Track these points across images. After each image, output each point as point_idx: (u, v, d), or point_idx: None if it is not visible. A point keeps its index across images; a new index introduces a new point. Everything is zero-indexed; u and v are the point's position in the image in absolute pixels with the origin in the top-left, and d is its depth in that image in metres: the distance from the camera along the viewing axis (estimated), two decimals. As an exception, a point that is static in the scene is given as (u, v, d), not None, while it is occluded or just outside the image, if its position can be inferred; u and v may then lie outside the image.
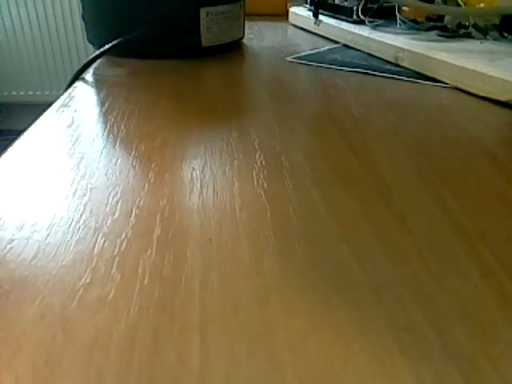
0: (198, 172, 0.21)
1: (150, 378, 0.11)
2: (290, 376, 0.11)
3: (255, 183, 0.20)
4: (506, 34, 0.38)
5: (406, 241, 0.16)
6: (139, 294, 0.14)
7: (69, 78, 0.37)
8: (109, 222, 0.17)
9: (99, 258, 0.15)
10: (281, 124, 0.27)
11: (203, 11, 0.41)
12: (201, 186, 0.20)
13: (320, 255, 0.16)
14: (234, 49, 0.45)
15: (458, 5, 0.38)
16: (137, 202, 0.18)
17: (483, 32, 0.37)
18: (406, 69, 0.36)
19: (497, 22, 0.37)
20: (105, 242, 0.16)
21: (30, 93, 1.85)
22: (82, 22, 0.45)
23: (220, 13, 0.42)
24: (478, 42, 0.37)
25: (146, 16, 0.41)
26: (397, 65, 0.37)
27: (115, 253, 0.15)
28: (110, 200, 0.19)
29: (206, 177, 0.21)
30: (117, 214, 0.18)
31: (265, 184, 0.20)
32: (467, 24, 0.39)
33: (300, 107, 0.29)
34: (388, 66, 0.37)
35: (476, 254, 0.16)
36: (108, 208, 0.18)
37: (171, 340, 0.12)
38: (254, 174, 0.21)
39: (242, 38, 0.47)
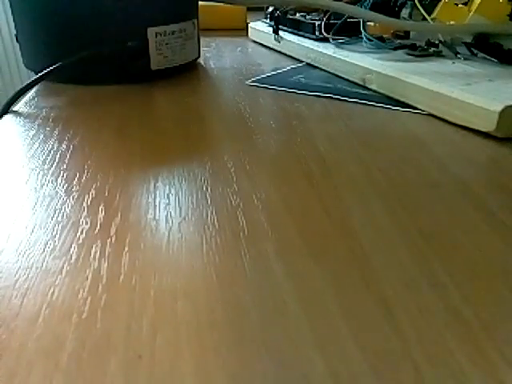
0: (133, 238, 0.17)
1: None
2: None
3: (204, 257, 0.16)
4: (475, 52, 0.35)
5: (396, 345, 0.13)
6: None
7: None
8: (4, 334, 0.13)
9: (-17, 398, 0.11)
10: (238, 168, 0.23)
11: (151, 31, 0.37)
12: (137, 262, 0.16)
13: (286, 373, 0.12)
14: (188, 71, 0.41)
15: (426, 20, 0.35)
16: (49, 296, 0.14)
17: (454, 51, 0.35)
18: (375, 92, 0.33)
19: (467, 39, 0.34)
20: (-4, 366, 0.12)
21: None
22: (16, 43, 0.41)
23: (170, 32, 0.38)
24: (449, 61, 0.34)
25: (89, 37, 0.36)
26: (365, 87, 0.34)
27: (7, 386, 0.11)
28: (15, 294, 0.14)
29: (145, 245, 0.17)
30: (19, 319, 0.13)
31: (216, 258, 0.16)
32: (437, 42, 0.36)
33: (261, 145, 0.26)
34: (355, 89, 0.34)
35: (481, 356, 0.12)
36: (10, 308, 0.14)
37: None
38: (204, 241, 0.17)
39: (198, 58, 0.43)
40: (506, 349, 0.12)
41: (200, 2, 0.45)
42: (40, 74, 0.34)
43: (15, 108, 0.32)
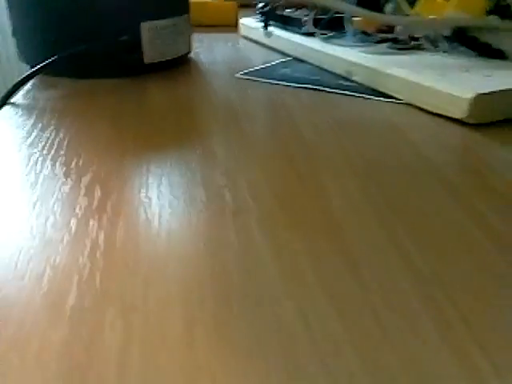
0: (128, 214, 0.19)
1: None
2: None
3: (193, 228, 0.18)
4: (454, 45, 0.37)
5: (359, 293, 0.14)
6: (40, 390, 0.11)
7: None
8: (13, 287, 0.14)
9: (-4, 342, 0.13)
10: (226, 153, 0.24)
11: (144, 26, 0.38)
12: (131, 233, 0.17)
13: (262, 318, 0.13)
14: (179, 65, 0.42)
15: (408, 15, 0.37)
16: (51, 260, 0.16)
17: (434, 44, 0.37)
18: (358, 84, 0.35)
19: (447, 33, 0.36)
20: (7, 317, 0.13)
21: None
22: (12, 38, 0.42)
23: (163, 27, 0.39)
24: (429, 54, 0.36)
25: (84, 32, 0.38)
26: (348, 79, 0.36)
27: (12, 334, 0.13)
28: (21, 259, 0.16)
29: (138, 221, 0.18)
30: (26, 278, 0.15)
31: (204, 229, 0.18)
32: (418, 36, 0.38)
33: (248, 132, 0.27)
34: (340, 81, 0.36)
35: (434, 303, 0.14)
36: (17, 268, 0.15)
37: None
38: (193, 215, 0.19)
39: (189, 52, 0.44)
40: (455, 295, 0.14)
41: (192, -1, 0.47)
42: (37, 67, 0.36)
43: (13, 100, 0.33)
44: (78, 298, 0.14)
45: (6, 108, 0.32)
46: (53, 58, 0.37)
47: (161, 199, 0.20)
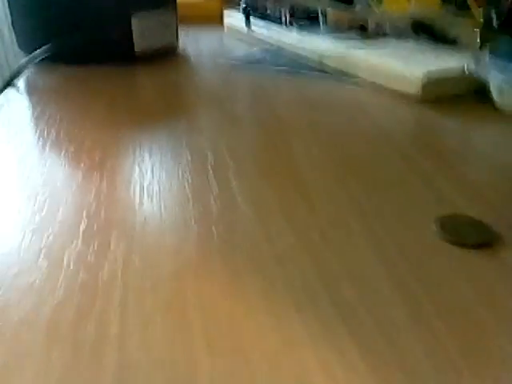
0: (125, 169, 0.22)
1: (73, 347, 0.12)
2: (198, 335, 0.13)
3: (180, 179, 0.22)
4: (416, 34, 0.41)
5: (311, 220, 0.18)
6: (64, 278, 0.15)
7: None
8: (36, 218, 0.18)
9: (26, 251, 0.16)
10: (209, 125, 0.28)
11: (135, 17, 0.42)
12: (128, 182, 0.21)
13: (235, 237, 0.17)
14: (167, 54, 0.46)
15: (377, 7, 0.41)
16: (64, 201, 0.19)
17: (398, 32, 0.41)
18: (329, 67, 0.39)
19: (408, 23, 0.40)
20: (32, 236, 0.17)
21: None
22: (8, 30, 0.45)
23: (152, 20, 0.43)
24: (392, 41, 0.40)
25: (78, 22, 0.41)
26: (321, 63, 0.40)
27: (42, 245, 0.16)
28: (39, 198, 0.19)
29: (134, 174, 0.22)
30: (44, 211, 0.19)
31: (190, 180, 0.22)
32: (383, 25, 0.42)
33: (228, 109, 0.31)
34: (313, 65, 0.40)
35: (369, 227, 0.18)
36: (36, 206, 0.19)
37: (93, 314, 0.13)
38: (180, 170, 0.22)
39: (177, 43, 0.48)
40: (388, 224, 0.18)
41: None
42: (34, 54, 0.39)
43: (16, 84, 0.37)
44: (88, 225, 0.18)
45: (10, 90, 0.35)
46: (48, 46, 0.40)
47: (152, 158, 0.24)
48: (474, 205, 0.19)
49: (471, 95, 0.32)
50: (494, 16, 0.24)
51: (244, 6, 0.52)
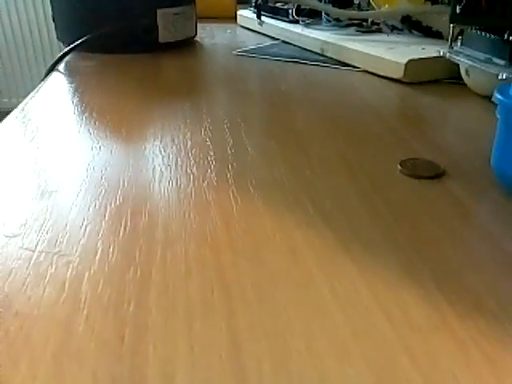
0: (158, 131, 0.28)
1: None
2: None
3: (200, 134, 0.27)
4: (403, 27, 0.46)
5: (305, 162, 0.24)
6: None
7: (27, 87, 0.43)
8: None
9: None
10: (226, 99, 0.34)
11: (160, 12, 0.48)
12: (161, 138, 0.27)
13: (247, 171, 0.23)
14: (187, 45, 0.52)
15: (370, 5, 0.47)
16: (112, 149, 0.25)
17: (390, 27, 0.46)
18: (330, 58, 0.45)
19: (398, 19, 0.46)
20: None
21: None
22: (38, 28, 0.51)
23: (174, 13, 0.49)
24: (385, 35, 0.45)
25: (111, 15, 0.47)
26: (322, 55, 0.46)
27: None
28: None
29: (165, 134, 0.28)
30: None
31: (210, 135, 0.27)
32: (378, 21, 0.48)
33: (240, 87, 0.37)
34: (316, 56, 0.45)
35: (350, 169, 0.23)
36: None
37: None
38: (202, 129, 0.28)
39: (195, 36, 0.54)
40: (372, 174, 0.24)
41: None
42: (74, 44, 0.45)
43: (58, 68, 0.43)
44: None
45: (54, 73, 0.41)
46: (85, 37, 0.46)
47: (179, 122, 0.29)
48: (430, 152, 0.25)
49: (447, 79, 0.37)
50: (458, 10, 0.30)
51: (256, 4, 0.58)
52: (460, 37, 0.34)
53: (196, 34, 0.54)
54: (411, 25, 0.44)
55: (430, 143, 0.26)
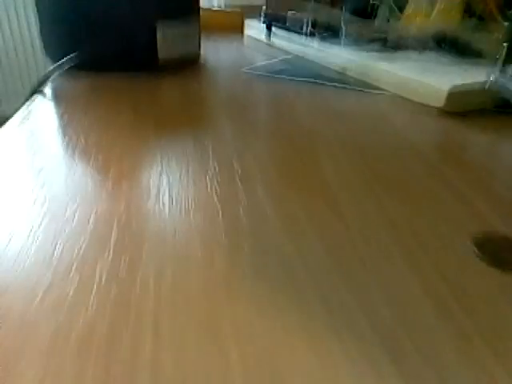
0: (154, 180, 0.22)
1: (106, 366, 0.12)
2: (235, 361, 0.13)
3: (208, 188, 0.22)
4: (438, 46, 0.41)
5: (342, 235, 0.18)
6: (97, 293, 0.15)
7: (18, 95, 0.38)
8: (67, 229, 0.18)
9: (58, 263, 0.16)
10: (234, 133, 0.28)
11: (159, 27, 0.42)
12: (157, 193, 0.21)
13: (268, 251, 0.17)
14: (190, 63, 0.46)
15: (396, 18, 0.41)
16: (95, 210, 0.20)
17: (421, 44, 0.41)
18: (352, 78, 0.39)
19: (430, 35, 0.40)
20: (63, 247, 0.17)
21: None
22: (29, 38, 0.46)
23: (176, 28, 0.43)
24: (415, 53, 0.40)
25: (104, 31, 0.42)
26: (344, 74, 0.40)
27: (74, 257, 0.17)
28: (69, 208, 0.20)
29: (162, 184, 0.22)
30: (75, 222, 0.19)
31: (218, 189, 0.22)
32: (406, 37, 0.42)
33: (252, 118, 0.31)
34: (335, 76, 0.40)
35: (403, 246, 0.18)
36: (66, 216, 0.19)
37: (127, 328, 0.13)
38: (208, 179, 0.23)
39: (199, 53, 0.48)
40: (426, 242, 0.18)
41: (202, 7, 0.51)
42: (61, 61, 0.40)
43: (42, 89, 0.37)
44: (118, 237, 0.18)
45: (37, 96, 0.36)
46: (74, 54, 0.41)
47: (180, 167, 0.24)
48: (507, 222, 0.19)
49: (496, 108, 0.31)
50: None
51: (265, 16, 0.53)
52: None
53: (200, 51, 0.49)
54: (445, 43, 0.39)
55: (500, 203, 0.20)
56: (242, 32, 0.61)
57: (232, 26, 0.66)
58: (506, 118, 0.30)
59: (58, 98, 0.35)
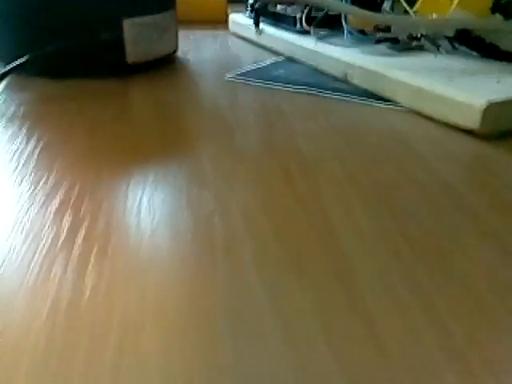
0: (99, 248, 0.16)
1: None
2: None
3: (176, 266, 0.15)
4: (457, 46, 0.35)
5: (381, 367, 0.12)
6: None
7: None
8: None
9: None
10: (216, 169, 0.22)
11: (127, 23, 0.35)
12: (99, 270, 0.15)
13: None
14: (166, 64, 0.39)
15: (407, 13, 0.35)
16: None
17: (436, 45, 0.34)
18: (357, 87, 0.33)
19: (449, 33, 0.34)
20: None
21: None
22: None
23: (147, 24, 0.37)
24: (431, 55, 0.33)
25: (60, 28, 0.35)
26: (346, 82, 0.34)
27: None
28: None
29: (108, 254, 0.16)
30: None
31: (191, 269, 0.15)
32: (418, 36, 0.36)
33: (240, 143, 0.25)
34: (337, 84, 0.34)
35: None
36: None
37: None
38: (179, 250, 0.16)
39: (176, 51, 0.42)
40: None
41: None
42: (8, 68, 0.33)
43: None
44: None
45: (-26, 113, 0.29)
46: (26, 57, 0.34)
47: (142, 224, 0.17)
48: None
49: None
50: None
51: (252, 9, 0.46)
52: None
53: (177, 48, 0.42)
54: (469, 42, 0.32)
55: None
56: (225, 22, 0.55)
57: (214, 14, 0.59)
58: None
59: (3, 110, 0.29)
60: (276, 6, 0.48)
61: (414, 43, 0.35)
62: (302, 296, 0.14)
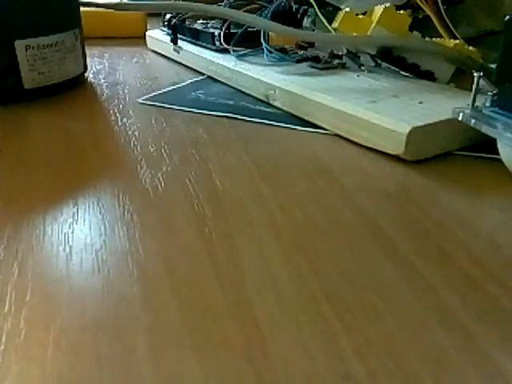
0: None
1: None
2: None
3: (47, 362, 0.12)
4: (380, 62, 0.34)
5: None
6: None
7: None
8: None
9: None
10: (119, 215, 0.19)
11: (20, 45, 0.31)
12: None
13: None
14: (71, 88, 0.36)
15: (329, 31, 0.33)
16: None
17: (358, 62, 0.33)
18: (279, 109, 0.31)
19: (371, 51, 0.33)
20: None
21: None
22: None
23: (46, 46, 0.33)
24: (353, 74, 0.32)
25: None
26: (268, 104, 0.32)
27: None
28: None
29: None
30: None
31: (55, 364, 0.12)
32: (340, 53, 0.35)
33: (147, 182, 0.22)
34: (258, 107, 0.32)
35: None
36: None
37: None
38: (51, 335, 0.13)
39: (84, 72, 0.38)
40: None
41: (89, 9, 0.40)
42: None
43: None
44: None
45: None
46: None
47: (16, 302, 0.14)
48: None
49: (462, 151, 0.25)
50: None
51: (169, 25, 0.43)
52: (491, 94, 0.22)
53: (85, 69, 0.38)
54: (391, 60, 0.32)
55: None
56: (144, 37, 0.51)
57: (131, 29, 0.56)
58: (477, 164, 0.24)
59: None
60: (196, 21, 0.46)
61: (336, 61, 0.34)
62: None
